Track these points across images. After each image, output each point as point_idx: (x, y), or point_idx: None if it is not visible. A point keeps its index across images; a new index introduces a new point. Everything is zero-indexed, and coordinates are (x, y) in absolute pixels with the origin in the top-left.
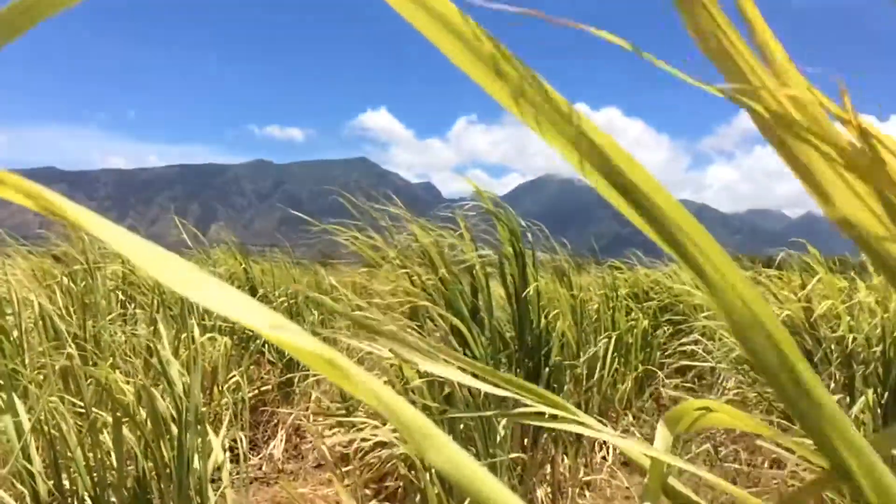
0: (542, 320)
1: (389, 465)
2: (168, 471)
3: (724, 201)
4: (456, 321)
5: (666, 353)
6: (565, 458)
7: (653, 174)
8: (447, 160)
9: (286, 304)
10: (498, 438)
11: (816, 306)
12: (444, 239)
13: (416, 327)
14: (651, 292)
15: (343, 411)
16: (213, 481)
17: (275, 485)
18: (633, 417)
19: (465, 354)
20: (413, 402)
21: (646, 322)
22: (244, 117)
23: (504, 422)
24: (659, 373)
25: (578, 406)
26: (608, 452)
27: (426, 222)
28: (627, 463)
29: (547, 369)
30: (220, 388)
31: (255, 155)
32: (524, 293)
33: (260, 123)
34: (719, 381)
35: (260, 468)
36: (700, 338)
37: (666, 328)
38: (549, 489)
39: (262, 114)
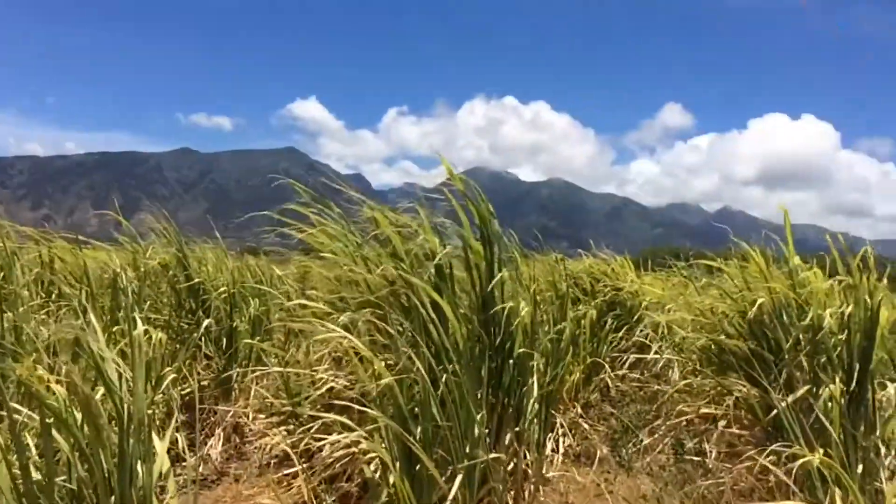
0: (506, 312)
1: (341, 465)
2: (108, 481)
3: (646, 195)
4: (425, 312)
5: (613, 346)
6: (527, 454)
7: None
8: (378, 151)
9: (225, 295)
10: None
11: (784, 295)
12: (409, 227)
13: (377, 320)
14: (597, 284)
15: (289, 408)
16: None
17: (216, 487)
18: (582, 408)
19: (431, 348)
20: (382, 401)
21: (594, 313)
22: (169, 104)
23: (480, 420)
24: (606, 365)
25: (541, 400)
26: (557, 447)
27: (390, 210)
28: (578, 457)
29: (511, 361)
30: (155, 385)
31: (180, 143)
32: (491, 283)
33: (186, 111)
34: (667, 373)
35: (197, 469)
36: (648, 330)
37: (612, 321)
38: (511, 487)
39: (189, 101)
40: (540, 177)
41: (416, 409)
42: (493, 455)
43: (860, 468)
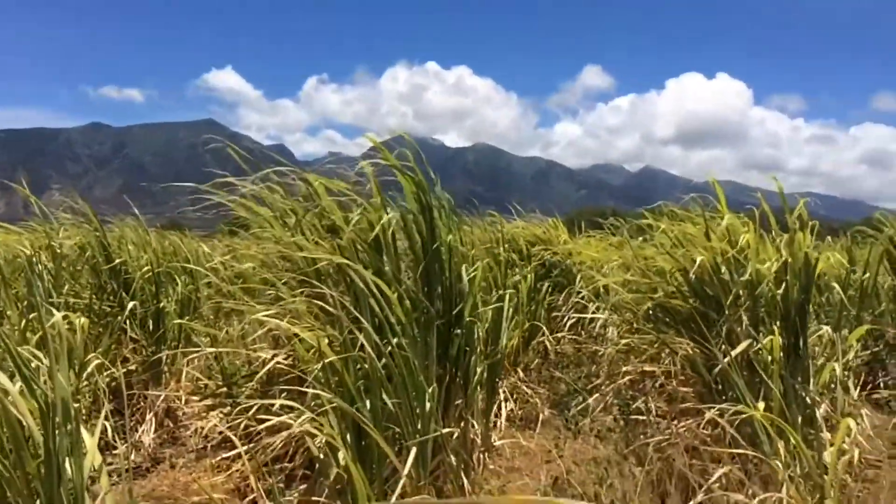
0: (451, 279)
1: (284, 445)
2: (32, 484)
3: (570, 157)
4: (365, 287)
5: (551, 308)
6: (475, 425)
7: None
8: (299, 121)
9: (149, 275)
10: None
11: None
12: (348, 196)
13: (314, 294)
14: (531, 248)
15: (224, 389)
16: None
17: (151, 476)
18: (522, 372)
19: (375, 320)
20: (328, 381)
21: (532, 277)
22: (76, 78)
23: (431, 394)
24: (544, 328)
25: (487, 369)
26: (500, 412)
27: (329, 179)
28: (522, 421)
29: (459, 330)
30: (79, 373)
31: (91, 118)
32: (433, 247)
33: (94, 84)
34: (605, 334)
35: (129, 458)
36: (585, 292)
37: (548, 283)
38: (459, 456)
39: (97, 74)
40: (465, 142)
41: (363, 386)
42: (446, 430)
43: (800, 419)
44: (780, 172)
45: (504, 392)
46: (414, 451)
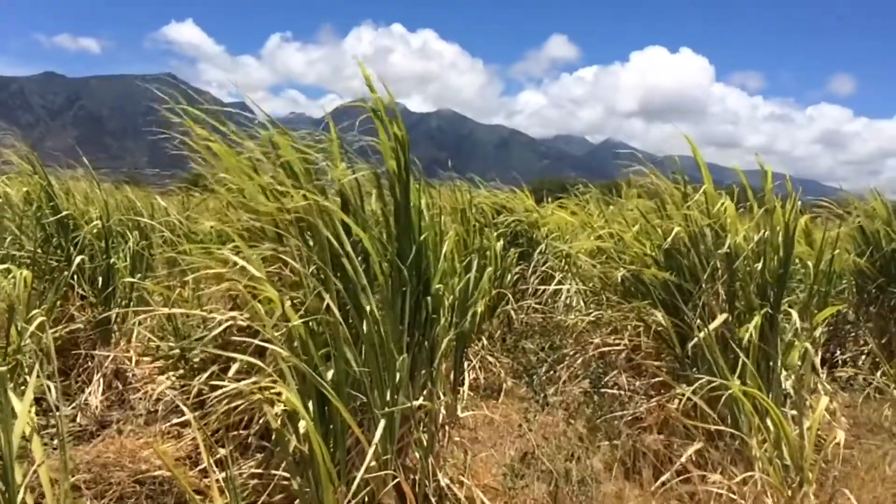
0: (422, 245)
1: (238, 412)
2: None
3: (533, 127)
4: (338, 245)
5: (517, 278)
6: (441, 396)
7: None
8: (262, 80)
9: (98, 229)
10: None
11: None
12: (311, 152)
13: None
14: (497, 216)
15: (178, 351)
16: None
17: (97, 441)
18: (487, 340)
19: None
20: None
21: (499, 244)
22: (28, 25)
23: (402, 363)
24: (510, 296)
25: (456, 338)
26: (464, 381)
27: (290, 132)
28: (486, 390)
29: (428, 297)
30: (19, 330)
31: (44, 67)
32: (407, 210)
33: (48, 32)
34: (571, 304)
35: (74, 420)
36: (552, 261)
37: (514, 251)
38: (427, 430)
39: (50, 21)
40: (429, 107)
41: (329, 352)
42: (417, 402)
43: (777, 398)
44: (738, 149)
45: (469, 360)
46: (382, 423)
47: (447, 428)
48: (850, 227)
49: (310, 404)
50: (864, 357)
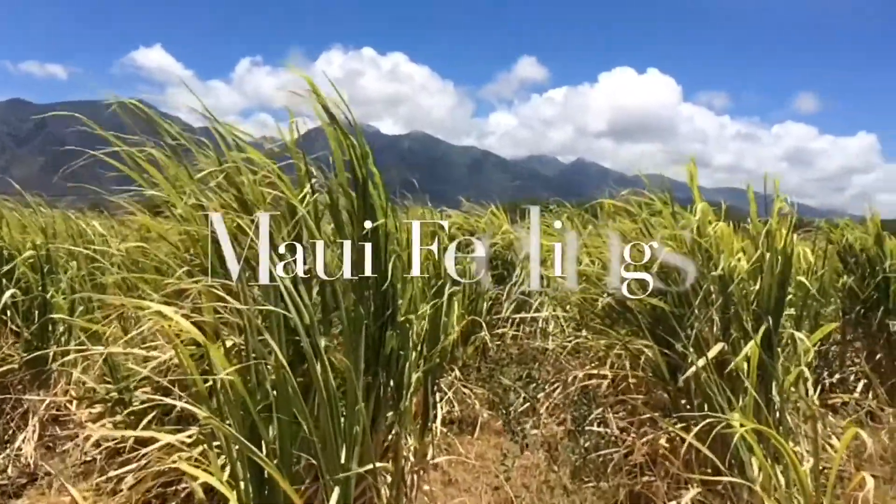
0: (389, 269)
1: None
2: None
3: (505, 147)
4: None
5: (493, 303)
6: (409, 439)
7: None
8: (233, 104)
9: (33, 260)
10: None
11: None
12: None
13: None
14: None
15: (115, 394)
16: None
17: (25, 494)
18: (460, 371)
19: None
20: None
21: (472, 267)
22: None
23: (359, 413)
24: (483, 323)
25: (426, 374)
26: (436, 414)
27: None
28: (461, 423)
29: (393, 332)
30: None
31: (11, 94)
32: (364, 232)
33: (14, 59)
34: (549, 330)
35: (4, 472)
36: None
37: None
38: (392, 479)
39: (17, 48)
40: (401, 130)
41: (274, 402)
42: (380, 464)
43: (782, 431)
44: (707, 168)
45: (441, 391)
46: (337, 492)
47: (415, 476)
48: (838, 247)
49: (247, 471)
50: (852, 378)
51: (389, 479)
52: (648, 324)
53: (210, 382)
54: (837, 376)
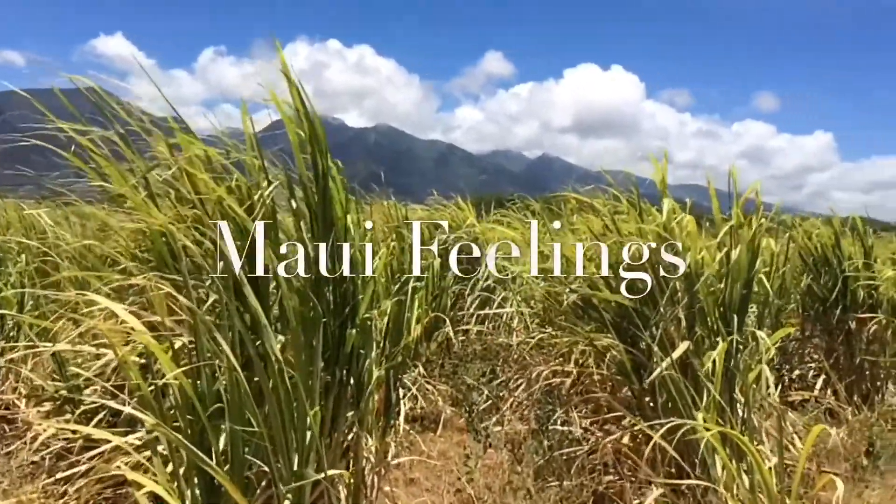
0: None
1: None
2: None
3: (471, 142)
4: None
5: (457, 298)
6: (370, 438)
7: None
8: (195, 94)
9: None
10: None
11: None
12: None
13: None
14: (434, 231)
15: (64, 392)
16: None
17: None
18: (423, 367)
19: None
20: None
21: (437, 263)
22: None
23: (314, 417)
24: (447, 319)
25: (388, 373)
26: (399, 411)
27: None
28: (423, 419)
29: (353, 330)
30: None
31: None
32: (324, 226)
33: None
34: (516, 326)
35: None
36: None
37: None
38: (350, 480)
39: None
40: (367, 122)
41: (224, 407)
42: (333, 471)
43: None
44: (669, 165)
45: (404, 388)
46: (290, 499)
47: (376, 477)
48: (798, 246)
49: (195, 478)
50: (811, 375)
51: (350, 480)
52: (613, 320)
53: (153, 387)
54: (797, 372)
